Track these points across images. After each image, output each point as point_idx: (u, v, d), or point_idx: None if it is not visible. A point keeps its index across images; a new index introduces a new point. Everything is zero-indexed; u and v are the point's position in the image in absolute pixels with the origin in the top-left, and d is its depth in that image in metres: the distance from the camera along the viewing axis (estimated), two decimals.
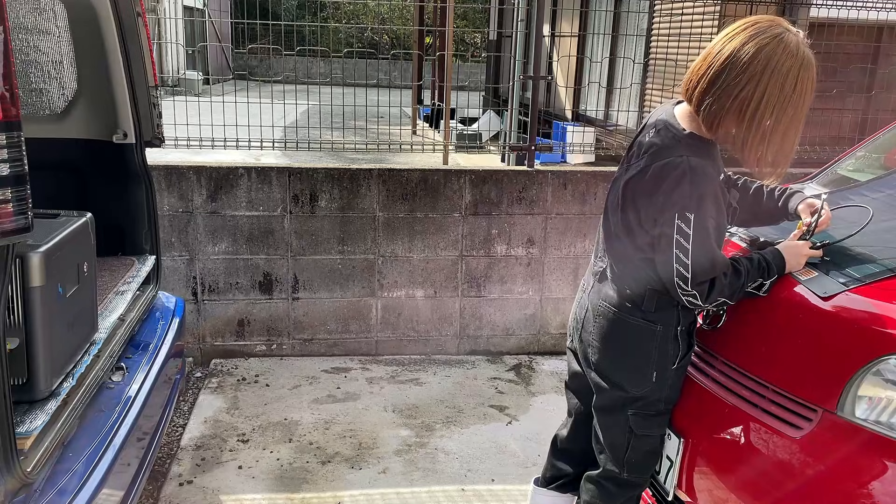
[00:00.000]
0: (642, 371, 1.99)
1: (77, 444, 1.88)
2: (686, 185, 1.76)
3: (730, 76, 1.72)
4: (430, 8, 12.32)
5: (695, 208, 1.76)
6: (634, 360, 1.99)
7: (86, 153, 2.82)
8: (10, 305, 1.72)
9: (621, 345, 2.00)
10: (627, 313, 1.96)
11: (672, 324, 1.96)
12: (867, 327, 1.80)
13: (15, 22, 2.57)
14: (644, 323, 1.95)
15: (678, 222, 1.78)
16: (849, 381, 1.77)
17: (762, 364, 2.01)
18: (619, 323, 1.98)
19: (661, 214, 1.81)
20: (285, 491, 2.89)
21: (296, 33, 4.70)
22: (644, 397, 2.01)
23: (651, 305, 1.94)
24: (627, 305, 1.96)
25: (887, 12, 4.62)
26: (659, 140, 1.85)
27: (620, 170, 2.00)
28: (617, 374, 2.02)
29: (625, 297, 1.96)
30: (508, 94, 5.14)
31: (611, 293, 1.99)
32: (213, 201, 3.87)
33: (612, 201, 2.01)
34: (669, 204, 1.78)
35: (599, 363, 2.04)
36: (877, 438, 1.72)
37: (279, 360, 4.09)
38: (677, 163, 1.77)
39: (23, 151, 1.42)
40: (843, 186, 2.68)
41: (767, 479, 1.84)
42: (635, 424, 2.03)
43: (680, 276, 1.82)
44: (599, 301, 2.02)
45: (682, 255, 1.79)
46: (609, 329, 2.00)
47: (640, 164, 1.87)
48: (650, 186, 1.83)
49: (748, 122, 1.74)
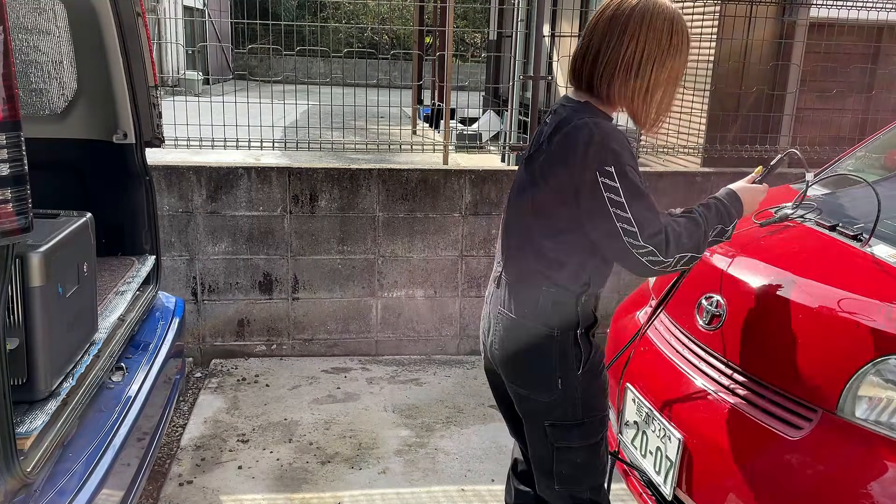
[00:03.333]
0: (547, 378, 1.86)
1: (77, 444, 1.88)
2: (596, 142, 1.66)
3: (612, 40, 1.70)
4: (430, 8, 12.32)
5: (612, 161, 1.65)
6: (536, 366, 1.86)
7: (86, 153, 2.82)
8: (10, 305, 1.72)
9: (522, 351, 1.87)
10: (523, 318, 1.85)
11: (571, 327, 1.84)
12: (867, 327, 1.80)
13: (15, 22, 2.57)
14: (542, 327, 1.83)
15: (602, 179, 1.65)
16: (849, 382, 1.77)
17: (762, 364, 2.01)
18: (516, 328, 1.86)
19: (581, 180, 1.67)
20: (285, 491, 2.89)
21: (296, 33, 4.70)
22: (556, 406, 1.87)
23: (547, 307, 1.82)
24: (524, 310, 1.85)
25: (887, 12, 4.61)
26: (558, 117, 1.78)
27: (521, 167, 1.92)
28: (523, 382, 1.90)
29: (520, 300, 1.86)
30: (508, 94, 5.14)
31: (507, 298, 1.89)
32: (213, 201, 3.87)
33: (517, 193, 1.90)
34: (586, 165, 1.66)
35: (507, 373, 1.93)
36: (877, 438, 1.72)
37: (279, 360, 4.09)
38: (581, 124, 1.69)
39: (23, 151, 1.42)
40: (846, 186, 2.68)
41: (767, 479, 1.84)
42: (553, 436, 1.90)
43: (627, 233, 1.66)
44: (499, 308, 1.91)
45: (619, 210, 1.65)
46: (507, 336, 1.88)
47: (544, 146, 1.79)
48: (561, 155, 1.72)
49: (636, 78, 1.72)
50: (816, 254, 2.14)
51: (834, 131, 4.78)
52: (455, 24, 4.72)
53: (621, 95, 1.74)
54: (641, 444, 2.29)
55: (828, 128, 4.78)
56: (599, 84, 1.74)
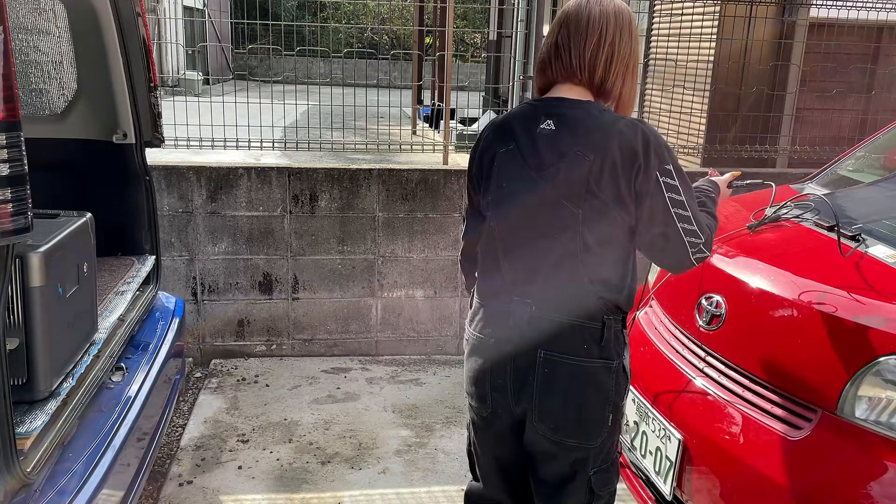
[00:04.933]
0: (602, 419, 1.69)
1: (77, 444, 1.88)
2: (653, 141, 1.57)
3: (620, 39, 1.69)
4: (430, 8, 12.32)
5: (670, 158, 1.59)
6: (593, 408, 1.68)
7: (86, 153, 2.82)
8: (10, 305, 1.72)
9: (580, 395, 1.66)
10: (584, 356, 1.64)
11: (622, 352, 1.70)
12: (867, 327, 1.80)
13: (15, 22, 2.57)
14: (601, 362, 1.65)
15: (663, 179, 1.57)
16: (848, 382, 1.77)
17: (762, 364, 2.01)
18: (573, 369, 1.64)
19: (646, 182, 1.56)
20: (285, 491, 2.89)
21: (296, 33, 4.70)
22: (602, 449, 1.72)
23: (610, 335, 1.66)
24: (582, 345, 1.64)
25: (887, 12, 4.61)
26: (579, 120, 1.62)
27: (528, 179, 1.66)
28: (576, 431, 1.69)
29: (573, 333, 1.64)
30: (508, 94, 5.14)
31: (546, 334, 1.64)
32: (212, 201, 3.87)
33: (532, 211, 1.66)
34: (649, 165, 1.56)
35: (552, 425, 1.68)
36: (877, 438, 1.72)
37: (279, 360, 4.09)
38: (625, 123, 1.59)
39: (23, 151, 1.42)
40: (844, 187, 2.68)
41: (767, 479, 1.84)
42: (597, 483, 1.74)
43: (688, 232, 1.60)
44: (538, 350, 1.65)
45: (680, 209, 1.59)
46: (560, 381, 1.65)
47: (578, 150, 1.59)
48: (615, 160, 1.56)
49: (632, 73, 1.73)
50: (816, 254, 2.14)
51: (834, 131, 4.78)
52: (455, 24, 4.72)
53: (626, 89, 1.72)
54: (641, 444, 2.29)
55: (828, 128, 4.78)
56: (614, 81, 1.68)
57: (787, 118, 4.79)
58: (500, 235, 1.71)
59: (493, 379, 1.73)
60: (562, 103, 1.68)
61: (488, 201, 1.73)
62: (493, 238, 1.73)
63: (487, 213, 1.74)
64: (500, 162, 1.70)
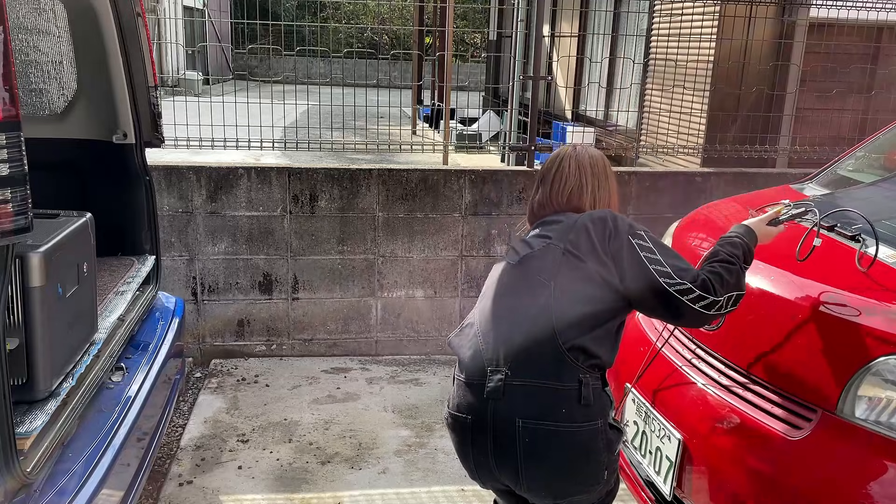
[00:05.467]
0: (595, 475, 1.74)
1: (77, 444, 1.88)
2: (619, 218, 1.83)
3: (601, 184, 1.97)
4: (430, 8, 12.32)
5: (638, 227, 1.81)
6: (584, 469, 1.72)
7: (86, 153, 2.82)
8: (10, 305, 1.72)
9: (570, 460, 1.69)
10: (564, 421, 1.65)
11: (608, 408, 1.74)
12: (867, 327, 1.80)
13: (15, 22, 2.57)
14: (587, 426, 1.67)
15: (636, 241, 1.77)
16: (848, 382, 1.77)
17: (762, 364, 2.01)
18: (560, 436, 1.65)
19: (619, 246, 1.76)
20: (285, 491, 2.89)
21: (296, 33, 4.71)
22: (601, 491, 1.81)
23: (590, 397, 1.67)
24: (563, 411, 1.64)
25: (887, 12, 4.61)
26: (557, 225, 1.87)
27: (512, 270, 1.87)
28: (571, 490, 1.75)
29: (556, 401, 1.65)
30: (508, 94, 5.14)
31: (528, 404, 1.65)
32: (212, 201, 3.87)
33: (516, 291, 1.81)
34: (619, 233, 1.78)
35: (546, 490, 1.73)
36: (877, 438, 1.72)
37: (279, 360, 4.09)
38: (599, 212, 1.87)
39: (23, 151, 1.42)
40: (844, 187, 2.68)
41: (767, 479, 1.84)
42: None
43: (671, 284, 1.71)
44: (518, 420, 1.65)
45: (658, 266, 1.74)
46: (548, 449, 1.65)
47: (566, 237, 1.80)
48: (590, 236, 1.78)
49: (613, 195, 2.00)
50: (816, 254, 2.14)
51: (834, 131, 4.78)
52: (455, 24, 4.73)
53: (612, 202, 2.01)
54: (641, 444, 2.29)
55: (827, 128, 4.78)
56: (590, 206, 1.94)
57: (787, 118, 4.79)
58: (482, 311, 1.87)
59: (475, 456, 1.77)
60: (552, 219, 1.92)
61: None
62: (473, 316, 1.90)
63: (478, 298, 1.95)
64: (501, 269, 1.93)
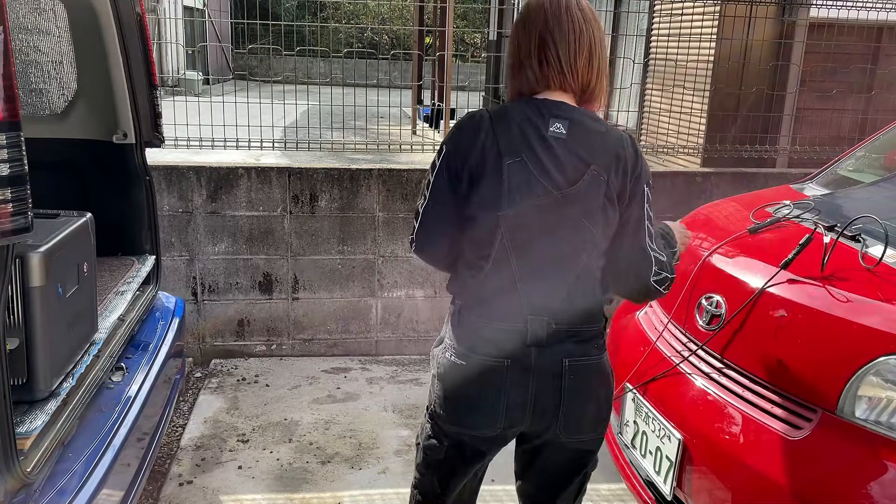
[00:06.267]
0: (608, 408, 1.76)
1: (77, 444, 1.88)
2: (641, 153, 1.64)
3: (596, 39, 1.64)
4: (430, 8, 12.31)
5: (650, 175, 1.66)
6: (606, 399, 1.73)
7: (86, 153, 2.82)
8: (10, 305, 1.72)
9: (598, 392, 1.70)
10: (595, 355, 1.68)
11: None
12: (867, 327, 1.80)
13: (15, 22, 2.57)
14: (604, 356, 1.71)
15: (648, 191, 1.63)
16: (849, 382, 1.77)
17: (762, 364, 2.01)
18: (593, 370, 1.68)
19: (639, 189, 1.61)
20: (285, 491, 2.89)
21: (296, 33, 4.70)
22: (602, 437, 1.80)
23: (605, 333, 1.71)
24: (594, 347, 1.68)
25: (887, 12, 4.61)
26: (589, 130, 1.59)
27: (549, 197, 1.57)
28: (596, 427, 1.74)
29: (590, 339, 1.67)
30: None
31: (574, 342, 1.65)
32: (213, 201, 3.87)
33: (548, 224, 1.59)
34: (641, 175, 1.61)
35: (584, 432, 1.71)
36: (877, 438, 1.72)
37: (279, 360, 4.09)
38: (626, 136, 1.63)
39: (23, 151, 1.42)
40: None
41: (767, 479, 1.84)
42: (591, 467, 1.82)
43: (653, 248, 1.66)
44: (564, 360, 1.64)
45: (650, 223, 1.66)
46: (585, 383, 1.67)
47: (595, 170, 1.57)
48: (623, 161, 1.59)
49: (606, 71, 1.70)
50: (815, 254, 2.14)
51: (834, 131, 4.78)
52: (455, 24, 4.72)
53: (603, 90, 1.68)
54: (641, 444, 2.29)
55: (828, 128, 4.78)
56: (598, 83, 1.65)
57: (787, 118, 4.79)
58: (518, 256, 1.59)
59: (510, 399, 1.64)
60: (564, 107, 1.61)
61: (498, 216, 1.57)
62: (506, 259, 1.60)
63: (497, 228, 1.58)
64: (512, 173, 1.56)
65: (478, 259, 1.64)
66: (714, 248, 2.37)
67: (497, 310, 1.64)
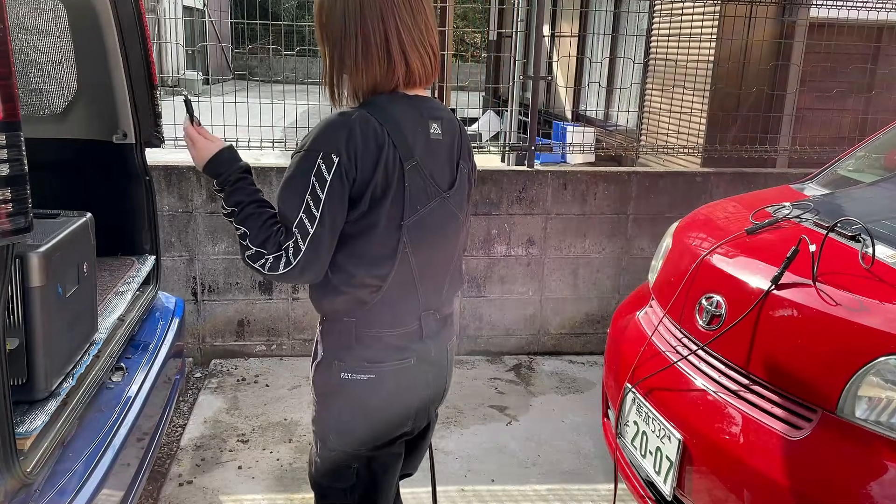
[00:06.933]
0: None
1: (77, 444, 1.88)
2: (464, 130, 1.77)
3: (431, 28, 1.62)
4: None
5: None
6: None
7: (86, 153, 2.82)
8: (10, 305, 1.72)
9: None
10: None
11: None
12: (867, 327, 1.80)
13: (15, 22, 2.57)
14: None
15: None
16: (849, 382, 1.77)
17: (762, 364, 2.01)
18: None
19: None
20: (285, 491, 2.89)
21: (296, 33, 4.70)
22: None
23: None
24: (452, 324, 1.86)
25: (887, 12, 4.62)
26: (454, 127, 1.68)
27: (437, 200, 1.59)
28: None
29: (452, 315, 1.84)
30: (508, 94, 5.15)
31: (451, 328, 1.83)
32: (213, 201, 3.87)
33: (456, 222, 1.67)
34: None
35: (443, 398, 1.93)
36: (877, 438, 1.72)
37: (279, 360, 4.09)
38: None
39: (23, 151, 1.42)
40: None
41: (767, 479, 1.84)
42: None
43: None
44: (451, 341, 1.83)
45: None
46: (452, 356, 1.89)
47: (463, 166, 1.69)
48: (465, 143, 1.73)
49: None
50: (816, 254, 2.14)
51: (834, 131, 4.78)
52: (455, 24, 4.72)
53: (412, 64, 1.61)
54: (641, 444, 2.29)
55: (828, 128, 4.78)
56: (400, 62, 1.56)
57: (787, 118, 4.79)
58: (417, 261, 1.58)
59: (421, 392, 1.75)
60: (433, 104, 1.62)
61: (401, 226, 1.53)
62: (407, 267, 1.57)
63: (400, 239, 1.54)
64: (410, 180, 1.51)
65: (374, 279, 1.56)
66: (713, 247, 2.36)
67: (399, 317, 1.63)
